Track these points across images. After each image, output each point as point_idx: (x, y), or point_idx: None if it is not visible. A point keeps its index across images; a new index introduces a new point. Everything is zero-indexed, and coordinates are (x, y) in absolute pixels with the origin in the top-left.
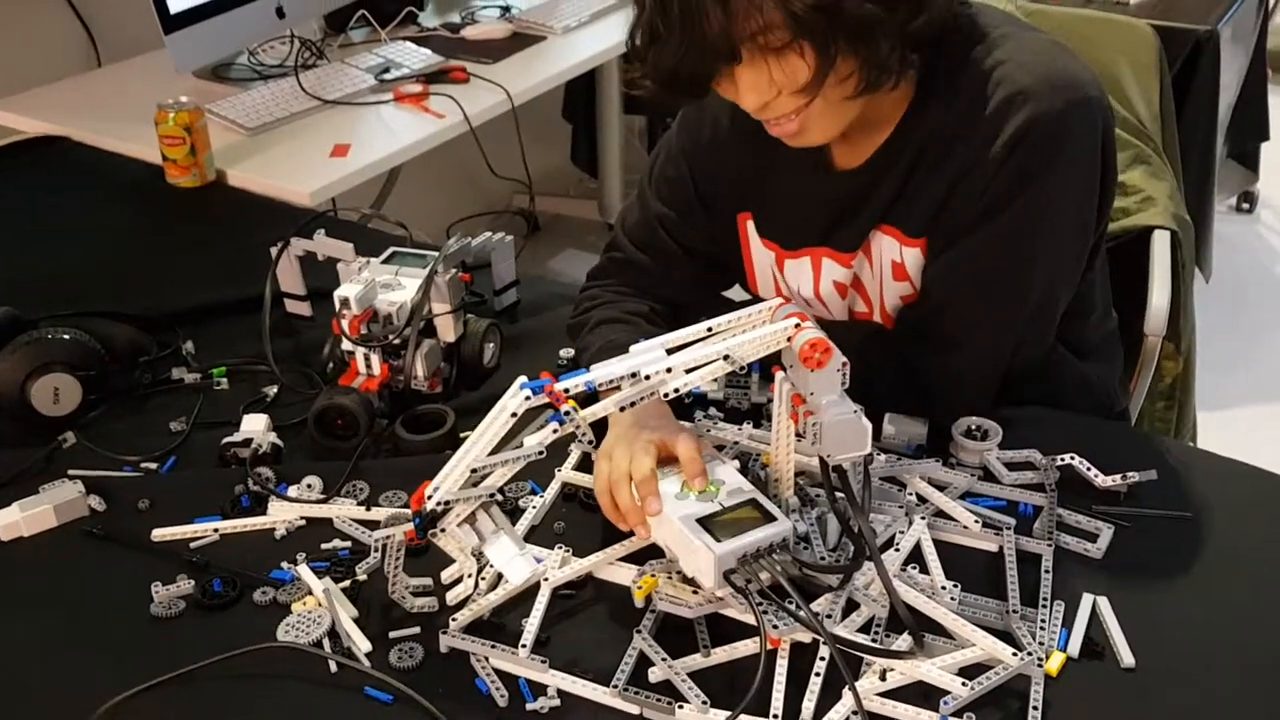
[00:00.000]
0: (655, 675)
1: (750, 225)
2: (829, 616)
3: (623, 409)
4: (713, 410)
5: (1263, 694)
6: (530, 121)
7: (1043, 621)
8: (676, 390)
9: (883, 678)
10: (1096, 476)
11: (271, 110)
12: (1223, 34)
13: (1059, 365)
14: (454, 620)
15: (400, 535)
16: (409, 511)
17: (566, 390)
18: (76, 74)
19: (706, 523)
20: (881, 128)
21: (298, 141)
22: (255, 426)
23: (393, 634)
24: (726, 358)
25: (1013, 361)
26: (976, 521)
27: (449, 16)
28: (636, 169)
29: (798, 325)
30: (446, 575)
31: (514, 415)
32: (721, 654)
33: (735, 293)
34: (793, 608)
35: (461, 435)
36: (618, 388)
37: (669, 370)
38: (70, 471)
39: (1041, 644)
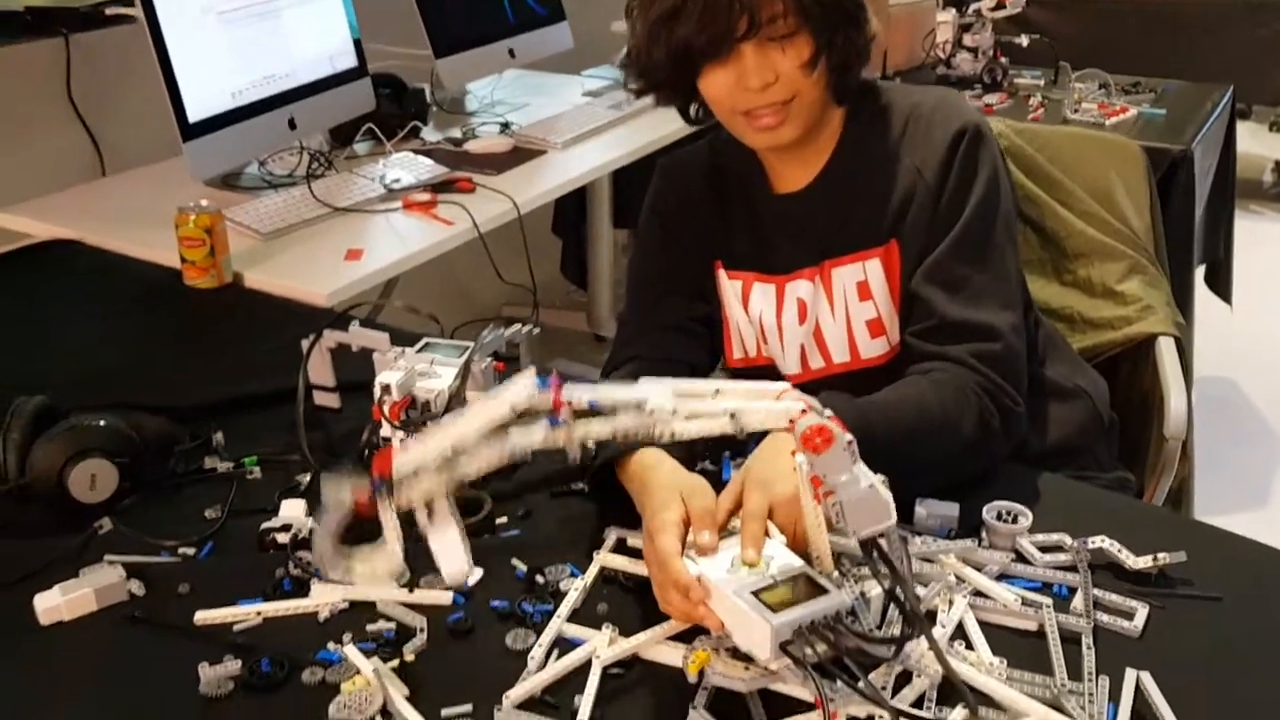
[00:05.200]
0: None
1: (722, 272)
2: (884, 688)
3: (620, 440)
4: None
5: None
6: (519, 236)
7: (1090, 695)
8: (674, 435)
9: None
10: (1128, 558)
11: (284, 216)
12: (1195, 152)
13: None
14: (507, 698)
15: (348, 498)
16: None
17: (569, 402)
18: (82, 184)
19: (759, 595)
20: (818, 157)
21: (311, 246)
22: (294, 512)
23: (445, 711)
24: (732, 416)
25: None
26: (1015, 600)
27: (451, 131)
28: (625, 280)
29: (803, 410)
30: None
31: (514, 409)
32: None
33: None
34: (852, 679)
35: (498, 520)
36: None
37: (673, 411)
38: (108, 557)
39: (1091, 717)
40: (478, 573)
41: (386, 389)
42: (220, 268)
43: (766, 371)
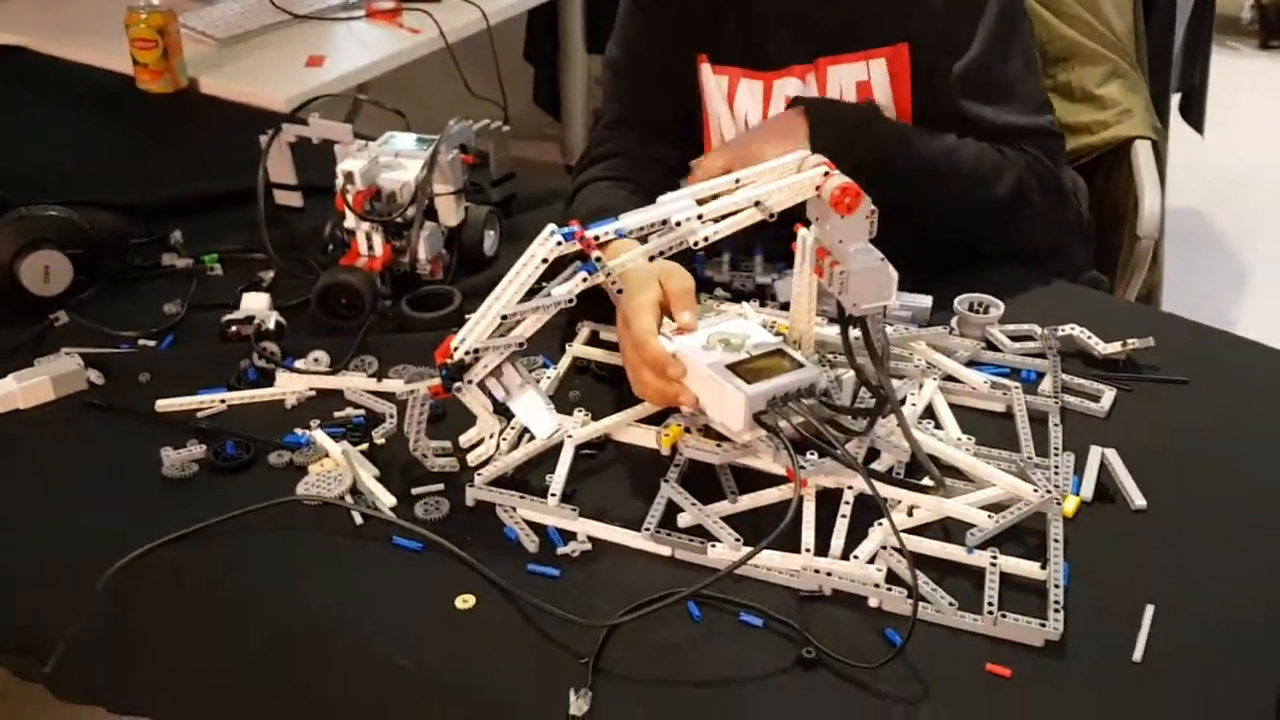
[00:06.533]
0: (685, 520)
1: (706, 66)
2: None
3: (652, 258)
4: (718, 291)
5: (1265, 531)
6: (490, 62)
7: (1056, 468)
8: (706, 239)
9: (910, 514)
10: (1097, 344)
11: (241, 23)
12: None
13: None
14: (479, 475)
15: (424, 391)
16: (431, 370)
17: (597, 238)
18: None
19: (734, 369)
20: None
21: (270, 53)
22: (257, 304)
23: (415, 490)
24: (758, 204)
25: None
26: (985, 383)
27: None
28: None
29: (826, 173)
30: (466, 438)
31: (544, 261)
32: (748, 501)
33: None
34: (826, 446)
35: (467, 316)
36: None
37: (700, 217)
38: (65, 349)
39: (1056, 487)
40: (565, 423)
41: (349, 177)
42: (175, 71)
43: None
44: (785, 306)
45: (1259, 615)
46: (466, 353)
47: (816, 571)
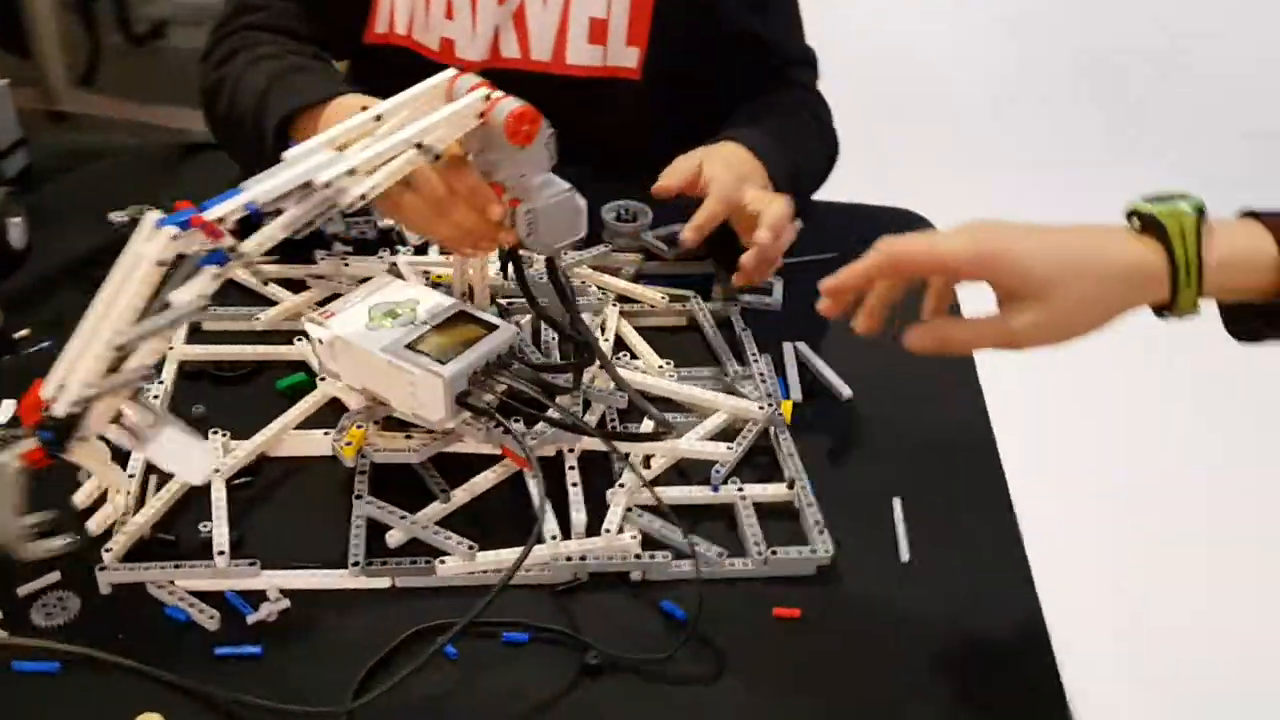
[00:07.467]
0: (395, 538)
1: None
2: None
3: (297, 233)
4: (337, 245)
5: (957, 391)
6: None
7: (761, 376)
8: (364, 196)
9: (647, 465)
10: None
11: None
12: None
13: None
14: (107, 552)
15: (15, 463)
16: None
17: (222, 220)
18: None
19: (416, 348)
20: None
21: None
22: None
23: (23, 590)
24: (419, 146)
25: None
26: (663, 298)
27: None
28: (79, 42)
29: (488, 97)
30: (83, 497)
31: (161, 264)
32: (463, 494)
33: None
34: (541, 410)
35: (15, 336)
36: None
37: (350, 172)
38: None
39: (769, 395)
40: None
41: None
42: None
43: (406, 56)
44: (422, 250)
45: (993, 480)
46: (74, 403)
47: (569, 559)
